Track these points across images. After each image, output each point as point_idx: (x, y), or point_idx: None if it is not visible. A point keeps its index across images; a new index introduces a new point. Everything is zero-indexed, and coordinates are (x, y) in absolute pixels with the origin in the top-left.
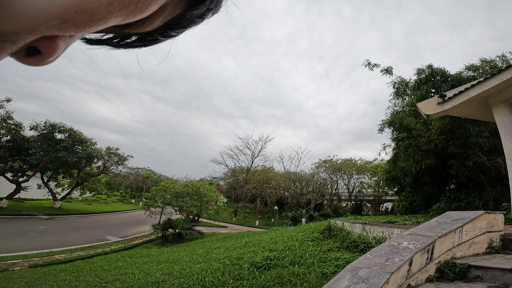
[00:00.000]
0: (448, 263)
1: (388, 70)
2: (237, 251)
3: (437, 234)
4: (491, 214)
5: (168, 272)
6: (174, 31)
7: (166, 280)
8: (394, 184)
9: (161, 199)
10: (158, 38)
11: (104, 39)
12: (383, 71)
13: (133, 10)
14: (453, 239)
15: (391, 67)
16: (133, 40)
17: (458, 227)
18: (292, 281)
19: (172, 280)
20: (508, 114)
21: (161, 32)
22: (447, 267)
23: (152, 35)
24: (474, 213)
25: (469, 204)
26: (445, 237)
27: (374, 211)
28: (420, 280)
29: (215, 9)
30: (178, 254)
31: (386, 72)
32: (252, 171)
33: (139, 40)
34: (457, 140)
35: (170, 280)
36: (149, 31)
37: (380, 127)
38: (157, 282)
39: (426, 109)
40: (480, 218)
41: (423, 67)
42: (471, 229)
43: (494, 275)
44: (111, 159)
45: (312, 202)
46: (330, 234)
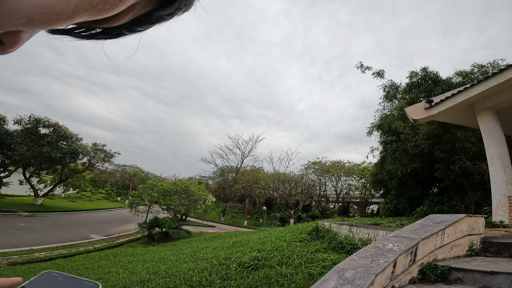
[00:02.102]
0: (430, 265)
1: (380, 73)
2: (225, 251)
3: (420, 237)
4: (472, 217)
5: (153, 271)
6: (141, 27)
7: (151, 279)
8: (380, 186)
9: (148, 197)
10: (124, 32)
11: (68, 29)
12: (374, 74)
13: (100, 11)
14: (435, 242)
15: (383, 70)
16: (97, 32)
17: (440, 230)
18: (279, 282)
19: (157, 280)
20: (492, 121)
21: (128, 27)
22: (429, 269)
23: (118, 29)
24: (456, 216)
25: (451, 208)
26: (427, 239)
27: (361, 213)
28: (403, 281)
29: (186, 9)
30: (165, 253)
31: (378, 75)
32: (242, 171)
33: (104, 32)
34: (444, 145)
35: (155, 280)
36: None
37: (369, 130)
38: (142, 281)
39: (413, 114)
40: (461, 221)
41: (417, 70)
42: (453, 231)
43: (474, 277)
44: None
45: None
46: (317, 235)
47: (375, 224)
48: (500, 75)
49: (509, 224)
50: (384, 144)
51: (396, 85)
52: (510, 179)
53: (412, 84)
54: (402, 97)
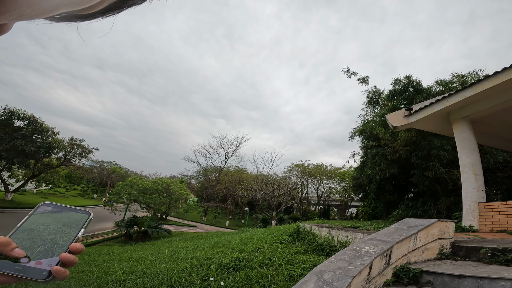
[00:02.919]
0: (403, 268)
1: (365, 79)
2: (206, 251)
3: (395, 240)
4: (443, 222)
5: (131, 271)
6: (115, 11)
7: (128, 279)
8: (360, 190)
9: (127, 195)
10: (98, 16)
11: None
12: (359, 80)
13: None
14: (408, 245)
15: (368, 77)
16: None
17: (414, 234)
18: (260, 283)
19: (135, 280)
20: (467, 130)
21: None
22: (402, 272)
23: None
24: (428, 220)
25: (424, 212)
26: (401, 243)
27: (340, 215)
28: (378, 284)
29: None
30: (143, 252)
31: (363, 81)
32: (225, 171)
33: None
34: (420, 152)
35: (132, 279)
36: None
37: (351, 135)
38: (118, 281)
39: (393, 120)
40: (433, 225)
41: (401, 78)
42: (425, 235)
43: (443, 280)
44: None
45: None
46: (298, 237)
47: (354, 227)
48: (477, 85)
49: (478, 229)
50: (365, 149)
51: (380, 91)
52: (481, 186)
53: (395, 91)
54: (384, 103)
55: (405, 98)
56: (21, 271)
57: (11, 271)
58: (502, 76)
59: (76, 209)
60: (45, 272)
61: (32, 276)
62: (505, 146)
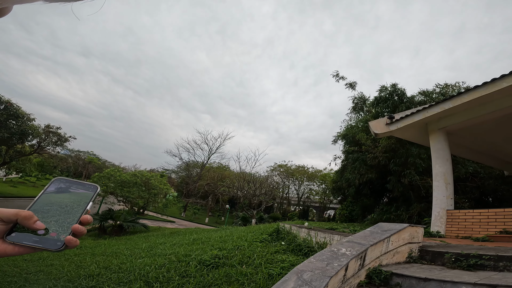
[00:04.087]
0: (376, 270)
1: (352, 84)
2: (185, 247)
3: (369, 243)
4: (413, 227)
5: (105, 265)
6: None
7: (102, 273)
8: (339, 193)
9: (104, 187)
10: None
11: None
12: (347, 85)
13: None
14: (381, 248)
15: (355, 82)
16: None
17: (387, 237)
18: (239, 281)
19: (109, 274)
20: (442, 141)
21: None
22: (374, 274)
23: None
24: (400, 225)
25: (397, 217)
26: (375, 245)
27: (319, 217)
28: (353, 285)
29: None
30: (118, 247)
31: (350, 86)
32: (208, 167)
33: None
34: (398, 159)
35: (106, 274)
36: None
37: (335, 139)
38: (91, 275)
39: (375, 128)
40: (404, 230)
41: (387, 85)
42: (397, 239)
43: (411, 283)
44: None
45: (263, 204)
46: (278, 237)
47: (331, 228)
48: (457, 98)
49: (444, 235)
50: (346, 154)
51: (365, 98)
52: (450, 194)
53: (380, 98)
54: (368, 110)
55: (389, 105)
56: (38, 242)
57: (30, 243)
58: (482, 90)
59: (84, 183)
60: (59, 242)
61: (47, 246)
62: (476, 158)
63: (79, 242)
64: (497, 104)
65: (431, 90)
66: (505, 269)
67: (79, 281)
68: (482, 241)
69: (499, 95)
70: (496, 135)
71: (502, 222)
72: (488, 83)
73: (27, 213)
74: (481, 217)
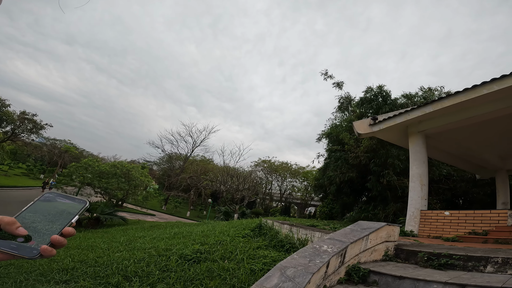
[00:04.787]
0: (355, 267)
1: (339, 84)
2: (165, 241)
3: (350, 240)
4: (390, 226)
5: (80, 259)
6: None
7: (77, 267)
8: (320, 191)
9: (80, 178)
10: None
11: None
12: (334, 84)
13: None
14: (360, 246)
15: (343, 82)
16: None
17: (366, 235)
18: (221, 276)
19: (84, 268)
20: (421, 144)
21: None
22: (353, 271)
23: None
24: (379, 224)
25: (374, 215)
26: (355, 243)
27: (300, 213)
28: (333, 281)
29: None
30: (94, 240)
31: (337, 85)
32: (191, 160)
33: None
34: (378, 159)
35: (82, 268)
36: None
37: (319, 137)
38: (65, 269)
39: (359, 128)
40: (382, 228)
41: (374, 87)
42: (375, 237)
43: (387, 280)
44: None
45: (246, 199)
46: (260, 232)
47: (313, 225)
48: (438, 103)
49: (417, 234)
50: (330, 152)
51: (351, 98)
52: (425, 195)
53: (365, 99)
54: (353, 110)
55: (373, 106)
56: (15, 249)
57: (7, 249)
58: (462, 96)
59: (74, 198)
60: (35, 251)
61: (23, 254)
62: (451, 161)
63: (55, 252)
64: (476, 110)
65: (413, 93)
66: (474, 269)
67: (52, 275)
68: (452, 241)
69: (479, 101)
70: (471, 140)
71: (471, 223)
72: (469, 89)
73: (10, 219)
74: (452, 218)
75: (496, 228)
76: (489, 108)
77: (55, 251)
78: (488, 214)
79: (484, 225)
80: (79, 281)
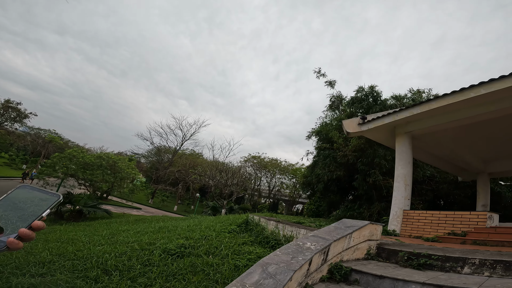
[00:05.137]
0: (337, 265)
1: (332, 83)
2: (149, 235)
3: (333, 238)
4: (374, 225)
5: (58, 252)
6: None
7: (54, 261)
8: (308, 188)
9: (64, 168)
10: None
11: None
12: (327, 83)
13: None
14: (343, 244)
15: (335, 81)
16: None
17: (349, 234)
18: (205, 271)
19: (63, 262)
20: (407, 144)
21: None
22: (336, 269)
23: None
24: (362, 222)
25: (359, 214)
26: (338, 241)
27: (288, 210)
28: (315, 279)
29: None
30: (75, 233)
31: (330, 84)
32: (180, 153)
33: None
34: (365, 159)
35: (60, 261)
36: None
37: (309, 135)
38: (42, 262)
39: (348, 127)
40: (366, 227)
41: (365, 86)
42: (358, 236)
43: (368, 280)
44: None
45: (234, 194)
46: (246, 228)
47: (298, 222)
48: (426, 104)
49: (399, 233)
50: (319, 150)
51: (342, 97)
52: (408, 195)
53: (356, 98)
54: (343, 109)
55: (363, 106)
56: None
57: None
58: (449, 98)
59: (48, 191)
60: (1, 243)
61: None
62: (435, 163)
63: (22, 245)
64: (462, 113)
65: (403, 95)
66: (451, 269)
67: (28, 268)
68: (431, 241)
69: (466, 104)
70: (456, 143)
71: (451, 224)
72: (457, 92)
73: None
74: (433, 218)
75: (475, 230)
76: (475, 112)
77: (22, 244)
78: (468, 216)
79: (464, 226)
80: (56, 274)
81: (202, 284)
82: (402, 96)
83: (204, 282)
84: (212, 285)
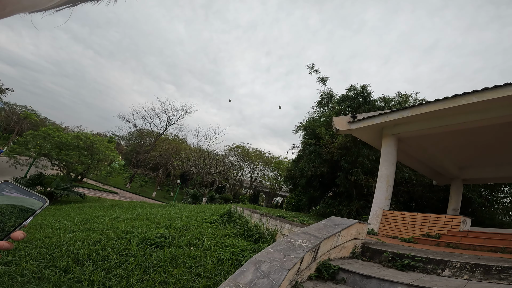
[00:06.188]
0: (325, 263)
1: (324, 79)
2: (126, 223)
3: (324, 236)
4: (361, 224)
5: (25, 239)
6: None
7: (20, 248)
8: (291, 182)
9: (37, 147)
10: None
11: None
12: (319, 79)
13: None
14: (332, 242)
15: (327, 78)
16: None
17: (338, 232)
18: (186, 263)
19: (29, 250)
20: (392, 146)
21: None
22: (324, 267)
23: None
24: (351, 221)
25: (338, 211)
26: (328, 239)
27: (268, 203)
28: (304, 277)
29: None
30: (44, 218)
31: (321, 81)
32: (163, 138)
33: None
34: (349, 157)
35: (26, 249)
36: None
37: (296, 129)
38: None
39: (338, 124)
40: (353, 226)
41: (357, 85)
42: (346, 234)
43: (354, 279)
44: None
45: (216, 183)
46: (229, 219)
47: (282, 216)
48: (416, 108)
49: (377, 233)
50: (305, 145)
51: (332, 94)
52: (389, 196)
53: (347, 96)
54: (333, 106)
55: (353, 105)
56: None
57: None
58: (440, 104)
59: (33, 194)
60: None
61: None
62: (414, 166)
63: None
64: (449, 120)
65: (391, 97)
66: (432, 271)
67: None
68: (408, 242)
69: (455, 111)
70: (436, 148)
71: (426, 226)
72: (449, 99)
73: None
74: (410, 219)
75: (448, 232)
76: (462, 119)
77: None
78: (443, 219)
79: (438, 228)
80: (21, 263)
81: (183, 278)
82: (391, 99)
83: (185, 275)
84: (195, 278)
